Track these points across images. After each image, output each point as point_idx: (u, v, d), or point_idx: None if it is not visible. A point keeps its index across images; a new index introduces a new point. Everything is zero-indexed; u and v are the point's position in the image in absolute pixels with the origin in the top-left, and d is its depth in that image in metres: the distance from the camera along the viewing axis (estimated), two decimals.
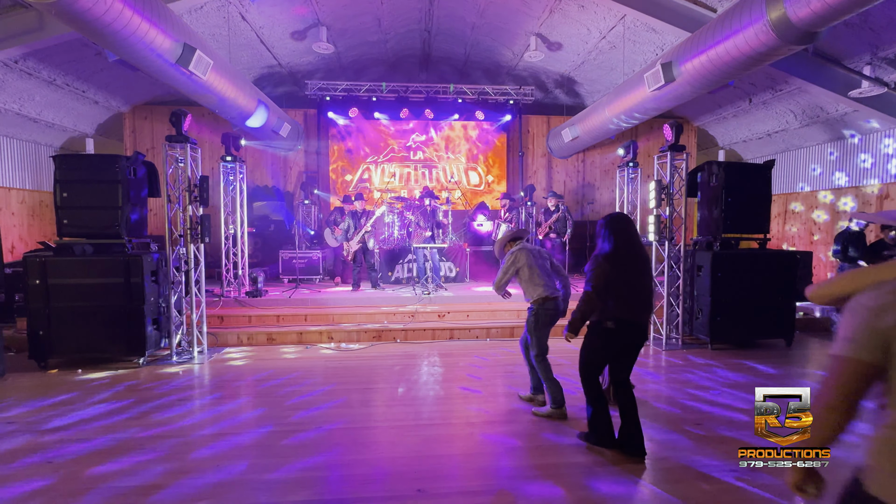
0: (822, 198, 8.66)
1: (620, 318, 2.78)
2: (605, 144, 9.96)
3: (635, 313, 2.80)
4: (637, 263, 2.82)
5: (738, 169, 5.45)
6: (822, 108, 7.62)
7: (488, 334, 5.93)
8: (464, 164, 10.09)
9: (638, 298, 2.80)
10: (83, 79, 7.38)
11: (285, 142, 8.93)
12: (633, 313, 2.79)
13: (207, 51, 5.21)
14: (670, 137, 5.49)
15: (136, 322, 4.59)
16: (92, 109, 8.36)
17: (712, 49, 4.71)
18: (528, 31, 7.84)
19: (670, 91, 5.67)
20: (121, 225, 4.61)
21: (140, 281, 4.57)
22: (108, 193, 4.58)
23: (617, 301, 2.76)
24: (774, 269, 5.40)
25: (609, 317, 2.79)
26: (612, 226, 2.85)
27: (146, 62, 4.66)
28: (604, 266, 2.76)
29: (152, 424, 3.37)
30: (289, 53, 8.49)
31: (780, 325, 5.45)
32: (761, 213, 5.50)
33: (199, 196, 4.84)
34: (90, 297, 4.54)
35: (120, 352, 4.67)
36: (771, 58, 4.59)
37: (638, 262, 2.82)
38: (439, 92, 9.39)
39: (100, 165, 4.60)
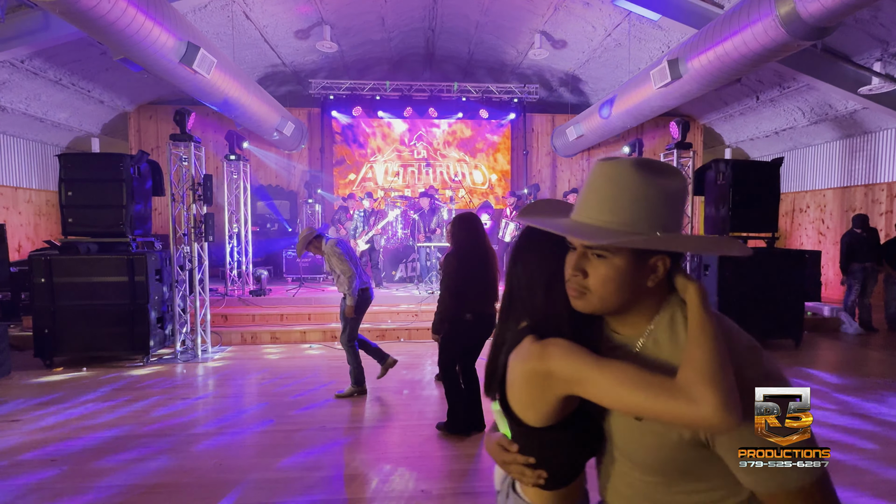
0: (830, 196, 8.55)
1: (476, 311, 3.02)
2: (611, 143, 9.90)
3: (485, 306, 3.04)
4: (484, 259, 3.00)
5: (746, 167, 5.38)
6: (830, 105, 7.52)
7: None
8: (468, 162, 10.05)
9: (486, 292, 3.03)
10: (88, 78, 7.41)
11: (289, 141, 8.94)
12: (483, 306, 3.03)
13: (211, 50, 5.21)
14: (677, 135, 5.43)
15: (141, 320, 4.60)
16: (97, 109, 8.40)
17: (720, 45, 4.65)
18: (533, 29, 7.80)
19: (677, 88, 5.61)
20: (125, 224, 4.61)
21: (144, 279, 4.58)
22: (113, 192, 4.59)
23: (471, 295, 3.00)
24: (783, 268, 5.33)
25: (469, 310, 3.01)
26: (458, 225, 3.07)
27: (150, 61, 4.67)
28: (454, 265, 2.99)
29: (156, 422, 3.37)
30: (292, 52, 8.49)
31: (789, 325, 5.38)
32: (769, 211, 5.43)
33: (203, 195, 4.84)
34: (95, 296, 4.55)
35: (124, 350, 4.68)
36: (779, 54, 4.52)
37: (485, 258, 3.01)
38: (443, 91, 9.36)
39: (104, 164, 4.61)
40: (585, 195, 0.79)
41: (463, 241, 3.02)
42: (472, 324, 3.00)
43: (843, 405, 3.69)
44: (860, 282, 6.29)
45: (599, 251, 0.75)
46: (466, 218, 3.09)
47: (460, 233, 3.03)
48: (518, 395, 0.83)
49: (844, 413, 3.53)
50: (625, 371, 0.72)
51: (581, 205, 0.80)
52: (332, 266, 3.72)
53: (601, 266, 0.76)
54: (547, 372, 0.77)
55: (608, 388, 0.72)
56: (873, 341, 5.87)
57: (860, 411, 3.56)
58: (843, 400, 3.81)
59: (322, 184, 9.43)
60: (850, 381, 4.29)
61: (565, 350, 0.78)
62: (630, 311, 0.80)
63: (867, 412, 3.54)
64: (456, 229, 3.06)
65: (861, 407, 3.65)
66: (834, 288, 8.09)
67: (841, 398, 3.85)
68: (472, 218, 3.09)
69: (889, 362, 5.03)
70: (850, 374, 4.55)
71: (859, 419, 3.42)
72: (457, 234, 3.05)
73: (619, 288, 0.76)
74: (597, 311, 0.79)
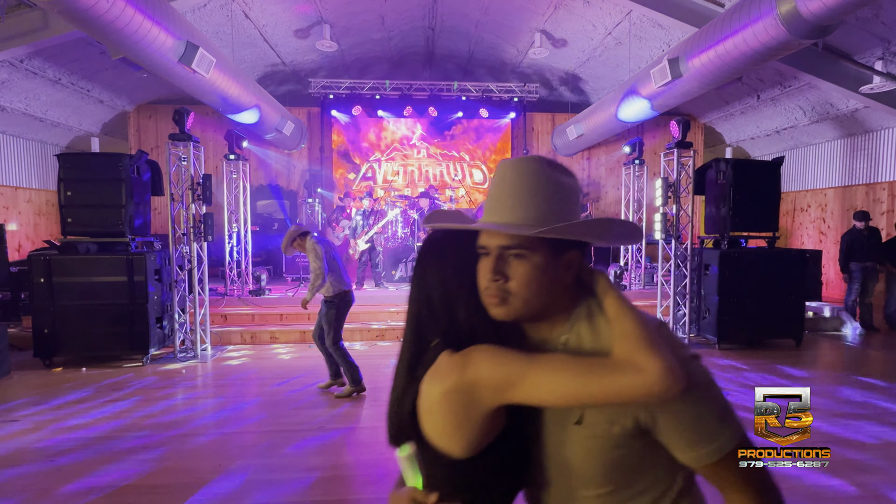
0: (831, 195, 8.53)
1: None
2: (611, 142, 9.87)
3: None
4: None
5: (747, 166, 5.37)
6: (831, 104, 7.50)
7: None
8: (467, 162, 10.04)
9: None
10: (88, 78, 7.40)
11: (289, 140, 8.93)
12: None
13: (210, 49, 5.20)
14: (677, 134, 5.41)
15: (140, 320, 4.60)
16: (97, 108, 8.39)
17: (720, 44, 4.63)
18: (533, 28, 7.78)
19: (677, 87, 5.59)
20: (124, 223, 4.61)
21: (143, 279, 4.57)
22: (112, 192, 4.59)
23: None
24: (783, 267, 5.32)
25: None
26: None
27: (149, 60, 4.65)
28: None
29: (155, 422, 3.36)
30: (292, 52, 8.47)
31: (790, 324, 5.37)
32: (770, 211, 5.42)
33: (202, 194, 4.83)
34: (94, 296, 4.55)
35: (124, 350, 4.68)
36: (780, 53, 4.50)
37: None
38: (443, 90, 9.34)
39: (103, 164, 4.60)
40: (495, 196, 0.76)
41: None
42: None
43: (841, 405, 3.68)
44: (860, 281, 6.27)
45: (518, 251, 0.72)
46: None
47: None
48: (438, 423, 0.74)
49: (839, 414, 3.52)
50: (560, 360, 0.70)
51: (492, 207, 0.76)
52: (311, 264, 3.74)
53: (521, 266, 0.73)
54: (471, 384, 0.70)
55: (546, 381, 0.68)
56: (874, 341, 5.85)
57: (855, 412, 3.55)
58: (842, 399, 3.80)
59: (322, 183, 9.42)
60: (850, 381, 4.28)
61: (490, 353, 0.72)
62: (550, 312, 0.77)
63: (863, 413, 3.53)
64: None
65: (857, 407, 3.64)
66: (835, 287, 8.07)
67: (839, 398, 3.84)
68: None
69: (889, 361, 5.02)
70: (849, 373, 4.53)
71: (855, 419, 3.41)
72: None
73: (541, 287, 0.73)
74: (520, 316, 0.75)
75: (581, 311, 0.78)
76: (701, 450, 0.70)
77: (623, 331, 0.69)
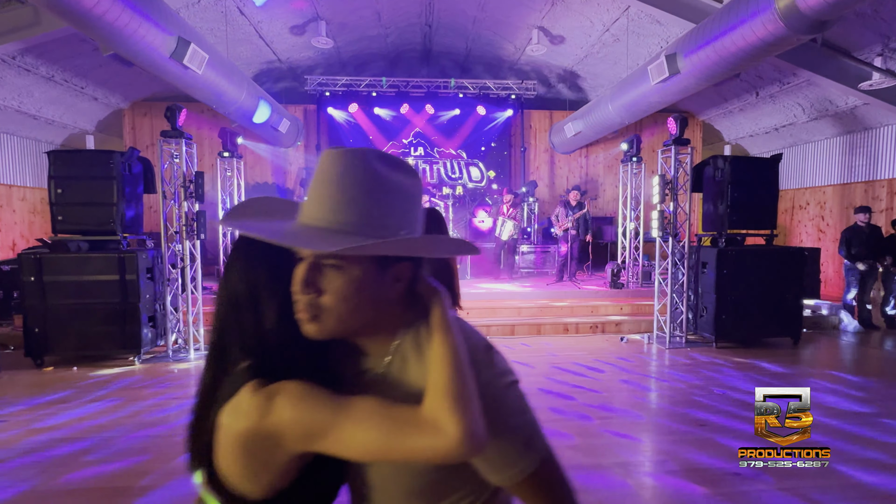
0: (830, 193, 8.49)
1: None
2: (609, 139, 9.83)
3: None
4: None
5: (745, 163, 5.33)
6: (830, 101, 7.46)
7: (488, 332, 5.86)
8: (465, 159, 9.99)
9: None
10: (81, 75, 7.34)
11: (285, 138, 8.88)
12: None
13: (203, 45, 5.15)
14: (675, 131, 5.37)
15: (132, 320, 4.55)
16: (91, 106, 8.33)
17: (718, 40, 4.59)
18: (530, 24, 7.72)
19: (675, 84, 5.54)
20: (116, 221, 4.56)
21: (135, 278, 4.53)
22: (103, 190, 4.54)
23: None
24: (782, 265, 5.28)
25: None
26: None
27: (140, 56, 4.60)
28: None
29: (145, 424, 3.32)
30: (288, 48, 8.41)
31: (787, 323, 5.33)
32: (768, 208, 5.38)
33: (195, 192, 4.78)
34: (86, 295, 4.50)
35: (116, 349, 4.64)
36: (778, 48, 4.46)
37: None
38: (440, 87, 9.29)
39: (94, 161, 4.55)
40: (313, 191, 0.65)
41: None
42: None
43: (838, 402, 3.65)
44: (858, 279, 6.24)
45: (334, 261, 0.63)
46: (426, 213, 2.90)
47: None
48: (233, 464, 0.66)
49: (835, 414, 3.49)
50: (369, 411, 0.62)
51: (308, 203, 0.65)
52: None
53: (337, 279, 0.63)
54: (273, 432, 0.63)
55: (353, 436, 0.61)
56: (873, 339, 5.82)
57: (852, 410, 3.52)
58: (839, 397, 3.77)
59: None
60: (848, 380, 4.24)
61: (296, 398, 0.63)
62: (372, 330, 0.70)
63: (860, 411, 3.50)
64: None
65: (855, 405, 3.61)
66: (833, 285, 8.04)
67: (836, 396, 3.81)
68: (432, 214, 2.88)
69: (888, 360, 4.99)
70: (847, 372, 4.50)
71: (854, 418, 3.37)
72: None
73: (360, 304, 0.65)
74: (334, 335, 0.66)
75: (409, 332, 0.70)
76: (504, 474, 0.68)
77: (435, 380, 0.63)
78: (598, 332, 5.99)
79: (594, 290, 7.12)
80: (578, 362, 4.67)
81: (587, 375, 4.29)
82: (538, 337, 5.84)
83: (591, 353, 5.09)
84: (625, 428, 3.26)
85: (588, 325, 6.00)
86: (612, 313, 6.42)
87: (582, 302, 6.60)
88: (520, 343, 5.57)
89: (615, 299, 6.77)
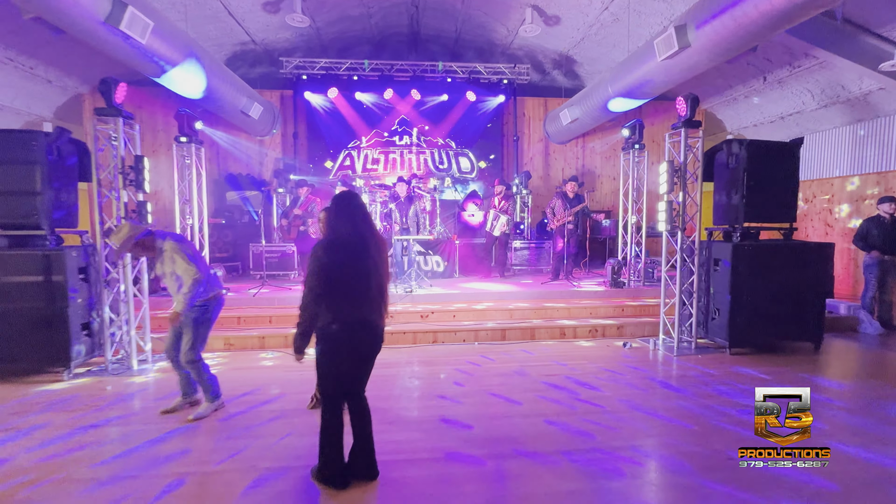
0: (838, 185, 8.01)
1: (349, 319, 2.28)
2: (607, 128, 9.27)
3: (364, 311, 2.31)
4: (363, 251, 2.30)
5: (763, 148, 4.77)
6: (843, 86, 6.96)
7: (476, 337, 5.27)
8: (454, 149, 9.37)
9: (366, 293, 2.30)
10: (28, 53, 6.61)
11: (258, 125, 8.19)
12: (361, 312, 2.30)
13: (149, 11, 4.48)
14: (684, 112, 4.80)
15: (60, 327, 3.90)
16: (46, 90, 7.58)
17: (738, 6, 4.02)
18: (523, 3, 7.12)
19: (683, 60, 4.98)
20: (40, 214, 3.89)
21: (63, 279, 3.87)
22: (24, 177, 3.86)
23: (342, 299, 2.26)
24: (803, 262, 4.75)
25: (339, 319, 2.27)
26: (333, 207, 2.37)
27: (67, 20, 3.93)
28: (321, 258, 2.23)
29: (60, 459, 2.69)
30: (262, 28, 7.73)
31: (807, 326, 4.80)
32: (787, 199, 4.84)
33: (136, 179, 4.12)
34: (5, 298, 3.84)
35: (41, 362, 3.98)
36: (804, 13, 3.90)
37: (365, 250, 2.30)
38: (427, 70, 8.66)
39: (12, 143, 3.86)
40: None
41: (338, 227, 2.31)
42: (344, 336, 2.27)
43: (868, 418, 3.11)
44: (877, 276, 5.75)
45: None
46: (344, 197, 2.38)
47: (335, 216, 2.34)
48: None
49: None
50: None
51: None
52: (174, 269, 3.05)
53: None
54: None
55: None
56: (894, 341, 5.33)
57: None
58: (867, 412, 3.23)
59: (295, 172, 8.70)
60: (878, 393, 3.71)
61: None
62: None
63: None
64: (330, 213, 2.36)
65: None
66: (844, 283, 7.57)
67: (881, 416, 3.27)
68: (351, 197, 2.39)
69: None
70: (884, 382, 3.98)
71: None
72: (331, 219, 2.35)
73: None
74: None
75: None
76: None
77: None
78: (598, 337, 5.44)
79: (593, 290, 6.57)
80: (573, 377, 4.08)
81: (581, 398, 3.65)
82: (532, 342, 5.27)
83: (589, 362, 4.52)
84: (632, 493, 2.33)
85: (587, 328, 5.44)
86: (612, 315, 5.88)
87: (580, 303, 6.05)
88: (519, 349, 4.99)
89: (616, 300, 6.22)
